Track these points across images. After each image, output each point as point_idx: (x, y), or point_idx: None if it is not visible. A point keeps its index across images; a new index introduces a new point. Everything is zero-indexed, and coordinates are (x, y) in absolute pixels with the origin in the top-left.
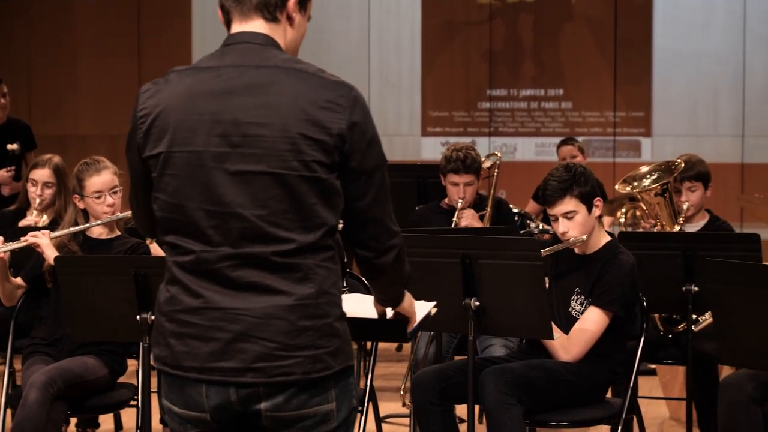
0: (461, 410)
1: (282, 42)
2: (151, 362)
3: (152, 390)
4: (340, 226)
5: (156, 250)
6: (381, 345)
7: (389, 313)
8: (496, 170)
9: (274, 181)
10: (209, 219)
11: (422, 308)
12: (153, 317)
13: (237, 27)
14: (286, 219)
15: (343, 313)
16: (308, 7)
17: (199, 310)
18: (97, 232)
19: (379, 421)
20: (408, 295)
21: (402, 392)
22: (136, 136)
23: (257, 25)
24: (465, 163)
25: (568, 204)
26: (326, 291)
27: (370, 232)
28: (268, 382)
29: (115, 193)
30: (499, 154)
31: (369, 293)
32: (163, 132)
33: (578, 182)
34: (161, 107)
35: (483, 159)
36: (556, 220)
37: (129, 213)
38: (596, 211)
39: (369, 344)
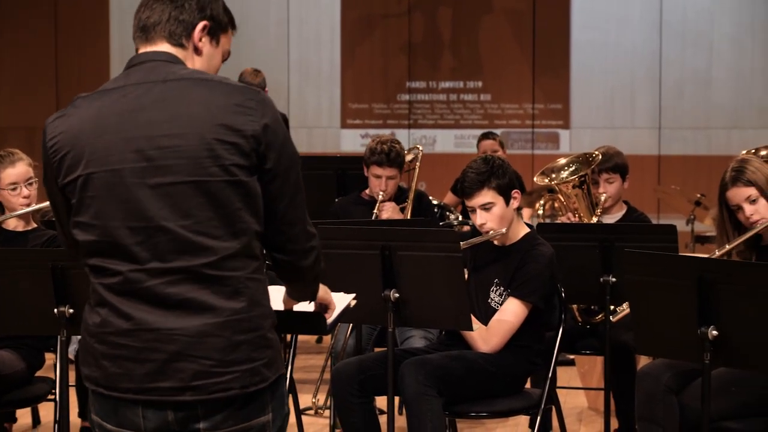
0: (381, 402)
1: (189, 60)
2: (70, 356)
3: (70, 384)
4: None
5: None
6: (300, 337)
7: (304, 306)
8: (417, 163)
9: (196, 189)
10: (134, 236)
11: (342, 300)
12: (71, 310)
13: (142, 50)
14: (211, 226)
15: (275, 322)
16: (222, 40)
17: (131, 332)
18: (13, 224)
19: (299, 413)
20: (322, 286)
21: (319, 383)
22: (51, 166)
23: (162, 47)
24: (389, 156)
25: (486, 195)
26: (258, 302)
27: (289, 235)
28: (207, 399)
29: (31, 184)
30: (420, 148)
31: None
32: (78, 157)
33: (496, 174)
34: (72, 134)
35: (405, 152)
36: (474, 211)
37: (45, 204)
38: (514, 203)
39: (288, 337)
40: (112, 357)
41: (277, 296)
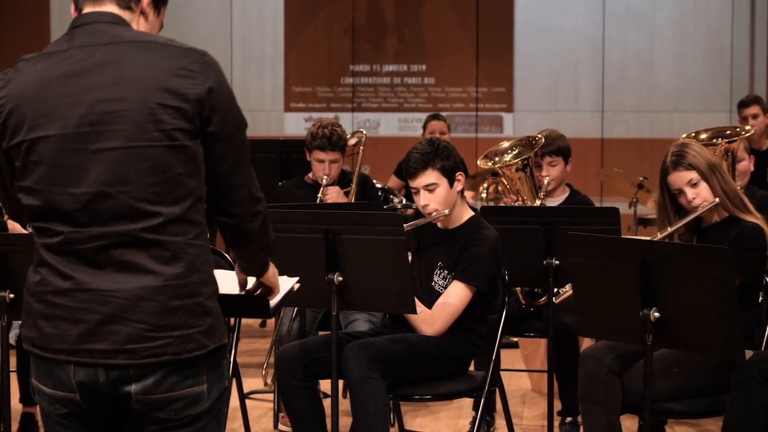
0: (325, 385)
1: (134, 21)
2: (11, 341)
3: (11, 369)
4: None
5: (14, 227)
6: (244, 321)
7: (250, 282)
8: (361, 147)
9: (138, 154)
10: (75, 201)
11: (285, 284)
12: (12, 295)
13: (87, 10)
14: (152, 192)
15: (216, 291)
16: (162, 11)
17: (68, 292)
18: None
19: (243, 397)
20: (272, 266)
21: (264, 371)
22: None
23: (108, 8)
24: (331, 140)
25: (430, 176)
26: (197, 269)
27: (234, 198)
28: (139, 364)
29: None
30: (364, 132)
31: (232, 269)
32: (21, 121)
33: (441, 155)
34: (15, 97)
35: (348, 136)
36: (418, 192)
37: None
38: (458, 186)
39: (232, 320)
40: (49, 317)
41: (224, 280)
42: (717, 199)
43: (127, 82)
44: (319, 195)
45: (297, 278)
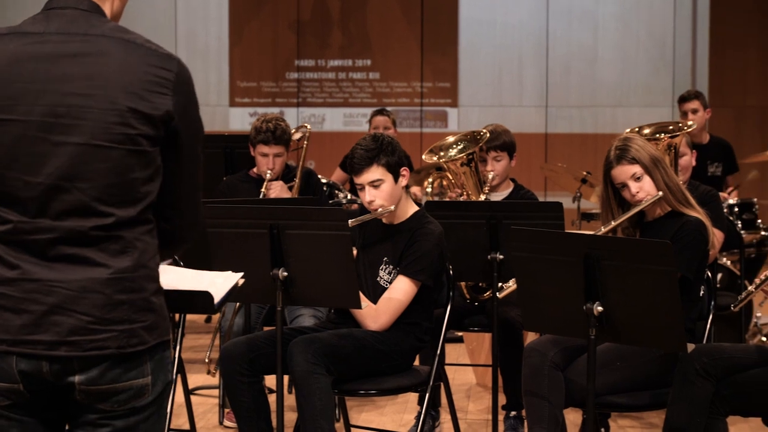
0: (270, 381)
1: (108, 10)
2: None
3: None
4: None
5: None
6: (189, 317)
7: (193, 286)
8: (305, 142)
9: (99, 153)
10: (30, 190)
11: (230, 279)
12: None
13: None
14: (108, 193)
15: (161, 287)
16: None
17: (14, 282)
18: None
19: (188, 393)
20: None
21: (208, 362)
22: None
23: None
24: (275, 134)
25: (375, 172)
26: (144, 264)
27: (180, 207)
28: (82, 356)
29: None
30: (308, 126)
31: (177, 265)
32: None
33: (385, 151)
34: None
35: (293, 130)
36: (363, 189)
37: None
38: (403, 181)
39: (177, 316)
40: None
41: (169, 276)
42: (660, 193)
43: (101, 79)
44: (263, 190)
45: (241, 273)
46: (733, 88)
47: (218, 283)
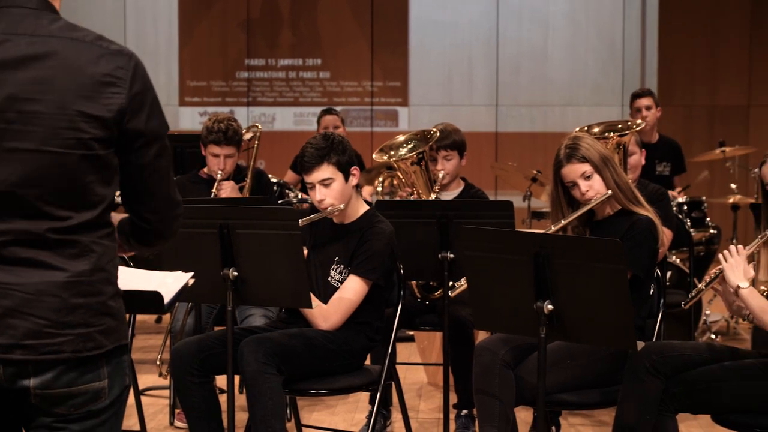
0: (221, 381)
1: (58, 3)
2: None
3: None
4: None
5: None
6: (139, 317)
7: (143, 285)
8: (256, 142)
9: (51, 160)
10: None
11: (180, 279)
12: None
13: None
14: (62, 198)
15: (119, 291)
16: None
17: None
18: None
19: (139, 394)
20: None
21: (159, 363)
22: None
23: None
24: (226, 134)
25: (325, 171)
26: (102, 268)
27: (152, 205)
28: (37, 360)
29: None
30: (259, 126)
31: (127, 266)
32: None
33: (336, 150)
34: None
35: (244, 130)
36: (313, 188)
37: None
38: (353, 180)
39: (127, 316)
40: None
41: (123, 277)
42: (609, 192)
43: (50, 83)
44: (213, 190)
45: (191, 273)
46: (681, 87)
47: (168, 283)
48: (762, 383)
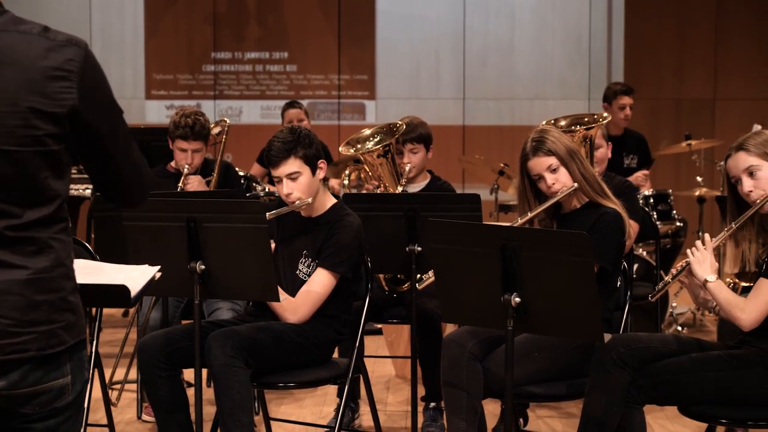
0: (189, 374)
1: None
2: None
3: None
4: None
5: None
6: (106, 311)
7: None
8: (224, 136)
9: (4, 158)
10: None
11: (146, 273)
12: None
13: None
14: (17, 195)
15: (77, 286)
16: None
17: None
18: None
19: (106, 388)
20: None
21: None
22: None
23: None
24: (194, 129)
25: (292, 165)
26: (61, 263)
27: (123, 187)
28: (2, 360)
29: None
30: (227, 121)
31: (93, 259)
32: None
33: (303, 143)
34: None
35: (212, 125)
36: (281, 181)
37: None
38: (320, 174)
39: (94, 310)
40: None
41: (84, 270)
42: (575, 184)
43: (0, 80)
44: (180, 184)
45: (158, 267)
46: (648, 81)
47: (135, 276)
48: (728, 374)
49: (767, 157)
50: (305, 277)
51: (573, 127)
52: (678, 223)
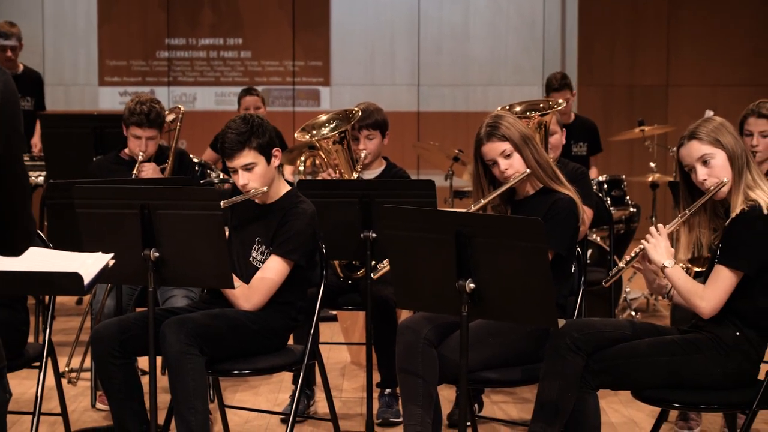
0: (143, 362)
1: None
2: None
3: None
4: None
5: None
6: (59, 299)
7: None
8: (178, 123)
9: None
10: None
11: (100, 260)
12: None
13: None
14: None
15: None
16: None
17: None
18: None
19: (59, 376)
20: None
21: (68, 369)
22: None
23: None
24: (149, 117)
25: (247, 156)
26: None
27: (8, 237)
28: None
29: None
30: (182, 108)
31: (47, 247)
32: None
33: (256, 134)
34: None
35: (166, 112)
36: (236, 172)
37: None
38: (275, 162)
39: (47, 298)
40: None
41: (38, 258)
42: (528, 170)
43: None
44: (134, 171)
45: (111, 255)
46: (601, 67)
47: (88, 264)
48: (680, 359)
49: (719, 144)
50: (259, 264)
51: (528, 113)
52: (631, 209)
